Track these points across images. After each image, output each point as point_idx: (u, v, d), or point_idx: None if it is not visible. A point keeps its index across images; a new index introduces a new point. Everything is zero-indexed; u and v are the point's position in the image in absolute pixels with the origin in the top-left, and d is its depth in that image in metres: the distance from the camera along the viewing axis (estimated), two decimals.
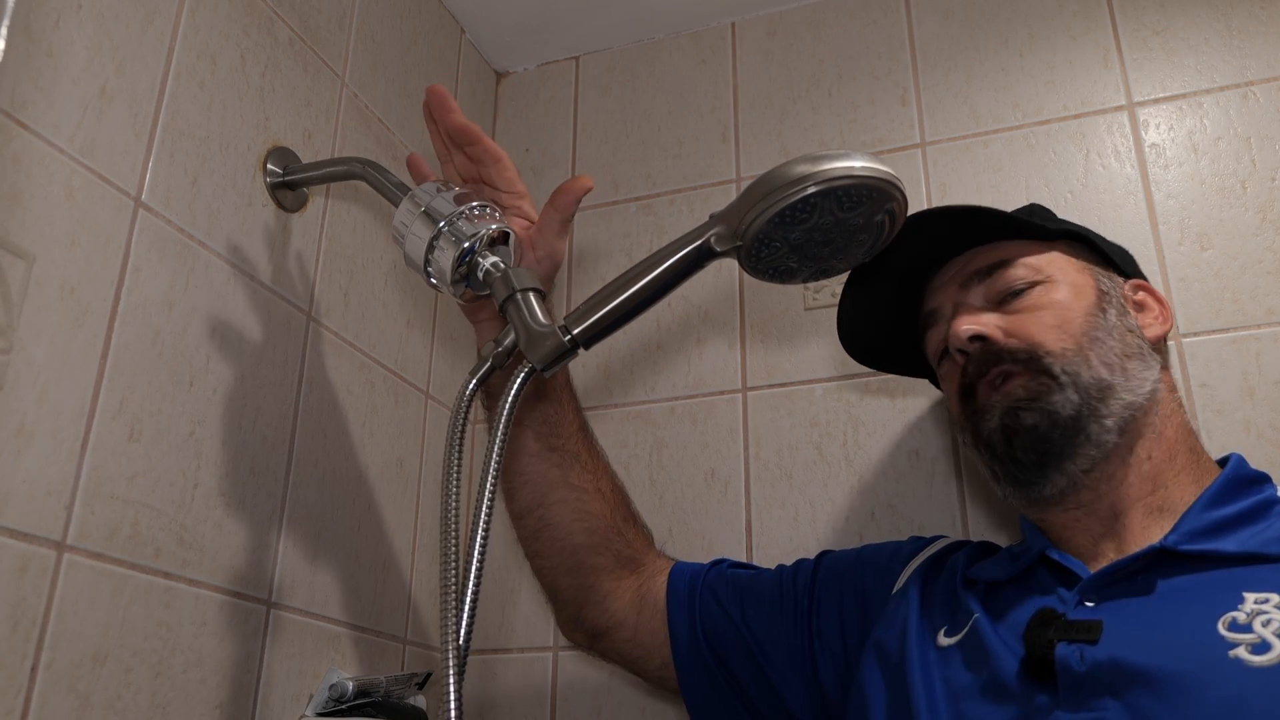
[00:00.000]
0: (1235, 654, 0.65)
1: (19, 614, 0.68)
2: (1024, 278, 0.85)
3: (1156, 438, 0.81)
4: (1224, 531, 0.74)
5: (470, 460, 1.30)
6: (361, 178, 0.95)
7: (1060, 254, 0.87)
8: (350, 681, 0.95)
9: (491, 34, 1.44)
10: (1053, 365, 0.80)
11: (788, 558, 1.14)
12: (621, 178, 1.39)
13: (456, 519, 0.76)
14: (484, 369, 0.85)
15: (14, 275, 0.71)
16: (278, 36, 1.02)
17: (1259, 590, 0.69)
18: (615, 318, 0.79)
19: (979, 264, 0.88)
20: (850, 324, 0.96)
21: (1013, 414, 0.80)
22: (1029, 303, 0.84)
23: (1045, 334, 0.82)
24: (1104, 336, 0.82)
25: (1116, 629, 0.70)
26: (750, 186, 0.77)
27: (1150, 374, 0.82)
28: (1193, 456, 0.83)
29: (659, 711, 1.13)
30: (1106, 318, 0.83)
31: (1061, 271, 0.86)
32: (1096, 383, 0.80)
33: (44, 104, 0.75)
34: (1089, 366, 0.80)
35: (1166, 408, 0.83)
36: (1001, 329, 0.83)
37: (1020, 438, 0.80)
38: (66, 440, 0.74)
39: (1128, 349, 0.82)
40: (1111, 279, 0.87)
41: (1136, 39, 1.22)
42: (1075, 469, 0.79)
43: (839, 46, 1.35)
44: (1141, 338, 0.84)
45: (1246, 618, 0.67)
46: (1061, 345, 0.81)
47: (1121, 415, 0.80)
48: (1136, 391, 0.81)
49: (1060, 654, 0.70)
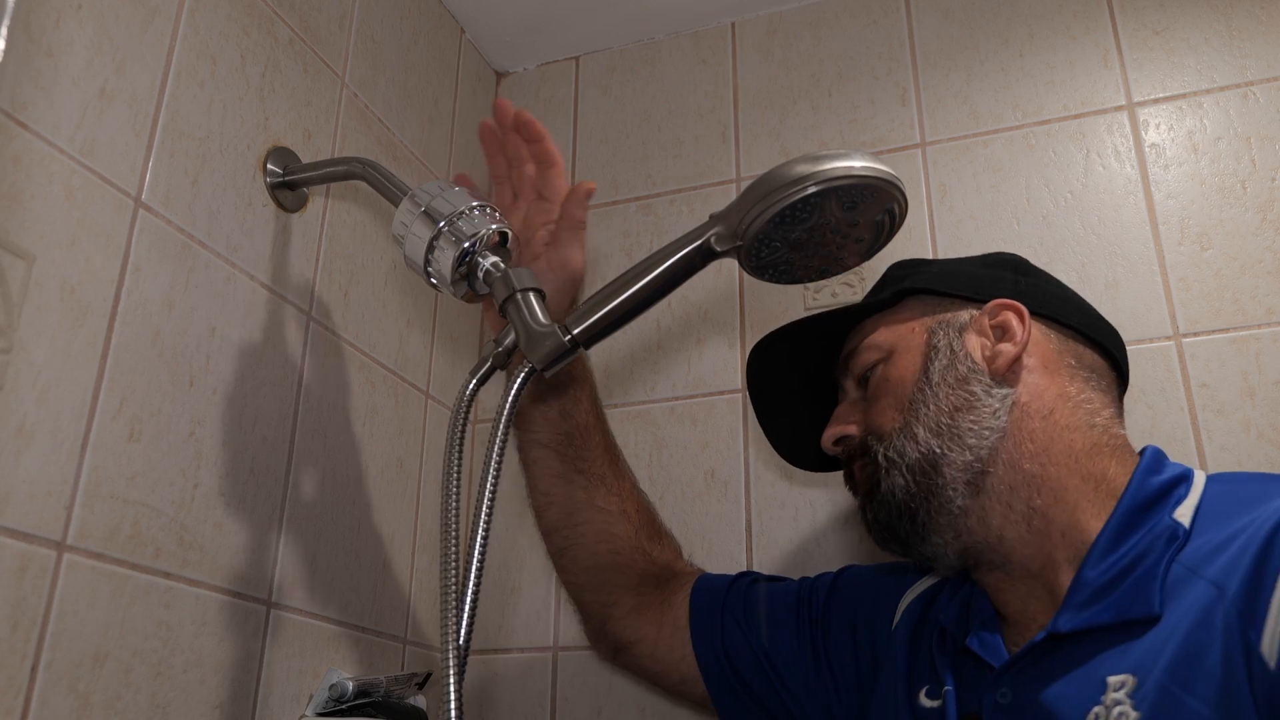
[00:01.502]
0: None
1: (19, 614, 0.68)
2: (868, 360, 0.85)
3: (1031, 483, 0.76)
4: (1107, 592, 0.71)
5: (470, 460, 1.30)
6: (361, 178, 0.95)
7: (902, 319, 0.85)
8: (350, 681, 0.95)
9: (491, 34, 1.44)
10: (879, 451, 0.80)
11: (788, 557, 1.14)
12: (621, 178, 1.39)
13: (456, 519, 0.76)
14: (484, 369, 0.85)
15: (14, 275, 0.71)
16: (278, 36, 1.02)
17: (1118, 671, 0.67)
18: (615, 318, 0.79)
19: (843, 356, 0.89)
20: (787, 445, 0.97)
21: (863, 510, 0.83)
22: (874, 387, 0.84)
23: (881, 419, 0.82)
24: (928, 399, 0.79)
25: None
26: (750, 186, 0.77)
27: (995, 420, 0.77)
28: (1089, 485, 0.76)
29: (659, 712, 1.13)
30: (930, 377, 0.80)
31: (899, 339, 0.84)
32: (924, 457, 0.77)
33: (44, 104, 0.75)
34: (914, 441, 0.78)
35: (1037, 442, 0.77)
36: (858, 426, 0.84)
37: (874, 530, 0.82)
38: (66, 440, 0.74)
39: (958, 403, 0.78)
40: (952, 322, 0.83)
41: (1136, 39, 1.22)
42: (944, 539, 0.78)
43: (839, 46, 1.35)
44: (983, 380, 0.79)
45: (1105, 712, 0.66)
46: (892, 425, 0.80)
47: (965, 478, 0.77)
48: (976, 447, 0.77)
49: None
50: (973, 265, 0.89)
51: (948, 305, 0.85)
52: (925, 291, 0.86)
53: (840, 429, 0.86)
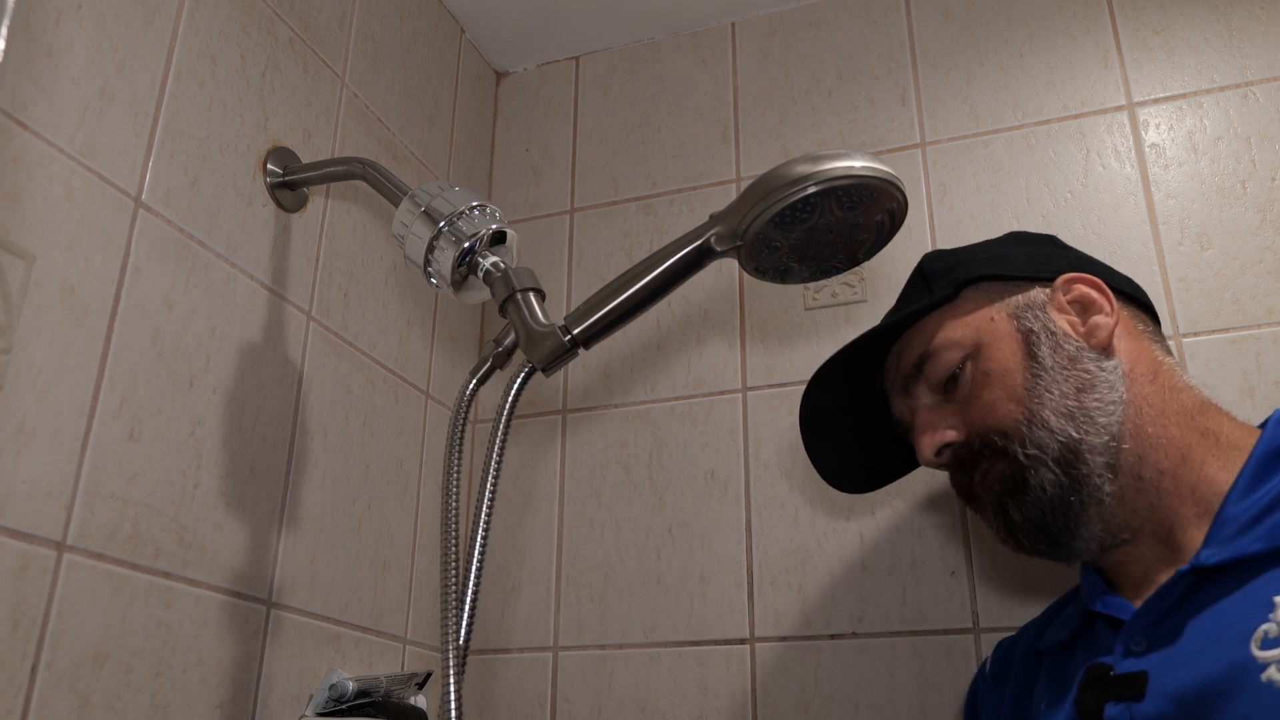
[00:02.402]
0: (1267, 676, 0.61)
1: (19, 614, 0.68)
2: (951, 360, 0.80)
3: (1157, 448, 0.75)
4: (1256, 524, 0.68)
5: (470, 460, 1.30)
6: (361, 178, 0.95)
7: (971, 311, 0.82)
8: (350, 681, 0.95)
9: (491, 34, 1.44)
10: (1016, 451, 0.76)
11: (787, 557, 1.14)
12: (621, 178, 1.39)
13: (456, 519, 0.76)
14: (484, 369, 0.85)
15: (14, 275, 0.71)
16: (278, 36, 1.02)
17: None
18: (615, 317, 0.79)
19: (905, 365, 0.84)
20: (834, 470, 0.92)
21: (1003, 511, 0.78)
22: (969, 386, 0.80)
23: (995, 415, 0.77)
24: (1049, 385, 0.76)
25: (1160, 678, 0.67)
26: (750, 186, 0.77)
27: (1114, 393, 0.75)
28: (1208, 441, 0.75)
29: (659, 712, 1.13)
30: (1040, 361, 0.77)
31: (979, 331, 0.80)
32: (1064, 446, 0.74)
33: (44, 104, 0.75)
34: (1049, 430, 0.75)
35: (1154, 407, 0.76)
36: (961, 424, 0.80)
37: (1022, 531, 0.77)
38: (66, 440, 0.74)
39: (1078, 383, 0.76)
40: (1032, 303, 0.81)
41: (1136, 39, 1.22)
42: (1091, 532, 0.75)
43: (839, 46, 1.35)
44: (1091, 355, 0.77)
45: (1277, 628, 0.63)
46: (1014, 419, 0.76)
47: (1105, 459, 0.75)
48: (1107, 427, 0.75)
49: (1109, 716, 0.68)
50: (1011, 246, 0.87)
51: (1013, 289, 0.82)
52: (983, 279, 0.83)
53: (940, 435, 0.80)
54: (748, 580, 1.15)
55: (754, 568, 1.15)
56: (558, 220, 1.40)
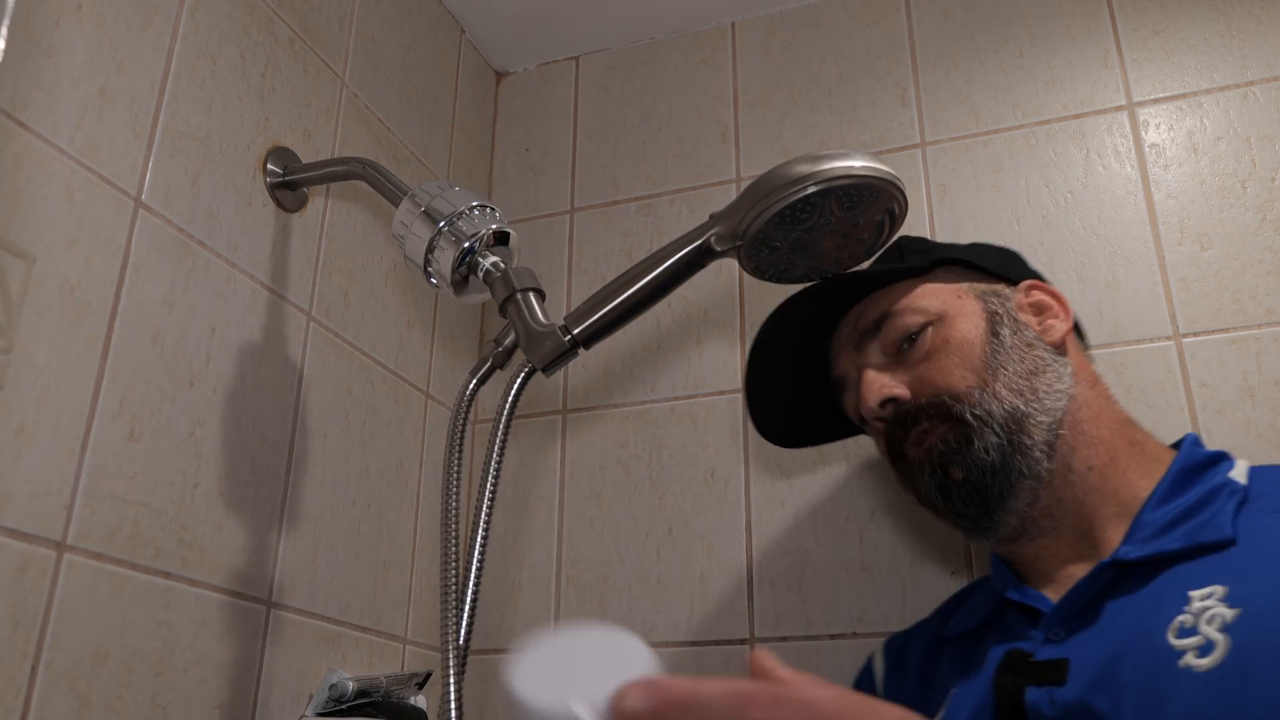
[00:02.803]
0: (1184, 662, 0.64)
1: (19, 614, 0.68)
2: (913, 323, 0.82)
3: (1090, 444, 0.79)
4: (1172, 527, 0.73)
5: (470, 460, 1.30)
6: (361, 178, 0.95)
7: (940, 285, 0.85)
8: (350, 681, 0.95)
9: (491, 34, 1.44)
10: (964, 411, 0.78)
11: (787, 557, 1.14)
12: (621, 178, 1.39)
13: (456, 519, 0.76)
14: (484, 369, 0.85)
15: (14, 275, 0.71)
16: (278, 36, 1.02)
17: (1203, 585, 0.67)
18: (615, 317, 0.79)
19: (865, 322, 0.85)
20: (766, 414, 0.94)
21: (942, 469, 0.79)
22: (926, 348, 0.82)
23: (949, 378, 0.80)
24: (1005, 362, 0.79)
25: (1081, 664, 0.69)
26: (750, 186, 0.77)
27: (1061, 384, 0.79)
28: (1135, 449, 0.80)
29: None
30: (1001, 340, 0.80)
31: (946, 303, 0.83)
32: (1011, 414, 0.77)
33: (44, 104, 0.75)
34: (999, 400, 0.78)
35: (1091, 408, 0.80)
36: (909, 385, 0.81)
37: (956, 492, 0.79)
38: (66, 440, 0.74)
39: (1032, 366, 0.80)
40: (998, 293, 0.84)
41: (1136, 39, 1.22)
42: (1020, 505, 0.78)
43: (839, 46, 1.35)
44: (1045, 347, 0.81)
45: (1193, 619, 0.66)
46: (967, 385, 0.79)
47: (1045, 438, 0.77)
48: (1052, 410, 0.78)
49: (1030, 699, 0.69)
50: (983, 247, 0.91)
51: (982, 278, 0.86)
52: (957, 263, 0.86)
53: (889, 388, 0.81)
54: (748, 580, 1.15)
55: (754, 568, 1.15)
56: (558, 220, 1.40)
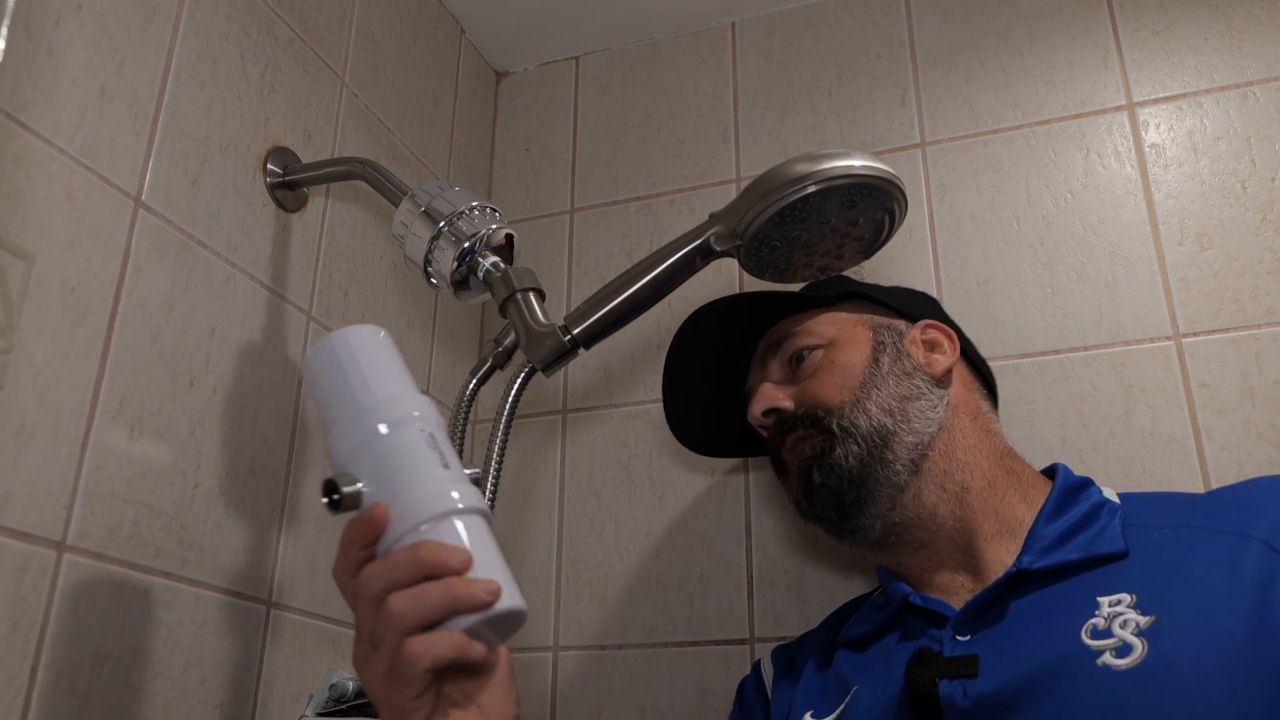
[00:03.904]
0: (1103, 661, 0.67)
1: (19, 614, 0.68)
2: (806, 344, 0.89)
3: (964, 469, 0.83)
4: (1066, 541, 0.77)
5: (470, 460, 1.30)
6: (361, 178, 0.95)
7: (842, 314, 0.91)
8: (350, 681, 0.95)
9: (491, 34, 1.44)
10: (831, 423, 0.84)
11: (787, 558, 1.14)
12: (621, 178, 1.39)
13: None
14: (484, 369, 0.85)
15: (14, 275, 0.71)
16: (278, 36, 1.02)
17: (1110, 592, 0.72)
18: (615, 317, 0.79)
19: (771, 339, 0.92)
20: (680, 419, 1.00)
21: (805, 474, 0.85)
22: (812, 367, 0.88)
23: (826, 393, 0.85)
24: (880, 384, 0.85)
25: (992, 659, 0.72)
26: (750, 186, 0.77)
27: (934, 413, 0.85)
28: (1012, 478, 0.85)
29: (659, 712, 1.13)
30: (880, 366, 0.86)
31: (840, 331, 0.89)
32: (876, 429, 0.83)
33: (44, 104, 0.75)
34: (867, 416, 0.83)
35: (968, 437, 0.85)
36: (792, 398, 0.88)
37: (817, 495, 0.84)
38: (66, 440, 0.74)
39: (906, 392, 0.85)
40: (892, 327, 0.90)
41: (1136, 39, 1.22)
42: (879, 510, 0.82)
43: (839, 46, 1.35)
44: (924, 378, 0.86)
45: (1105, 622, 0.69)
46: (840, 400, 0.84)
47: (909, 456, 0.83)
48: (921, 431, 0.83)
49: (944, 691, 0.71)
50: (899, 290, 0.96)
51: (883, 314, 0.91)
52: (864, 298, 0.92)
53: (773, 401, 0.88)
54: (748, 580, 1.15)
55: (754, 568, 1.15)
56: (558, 220, 1.40)
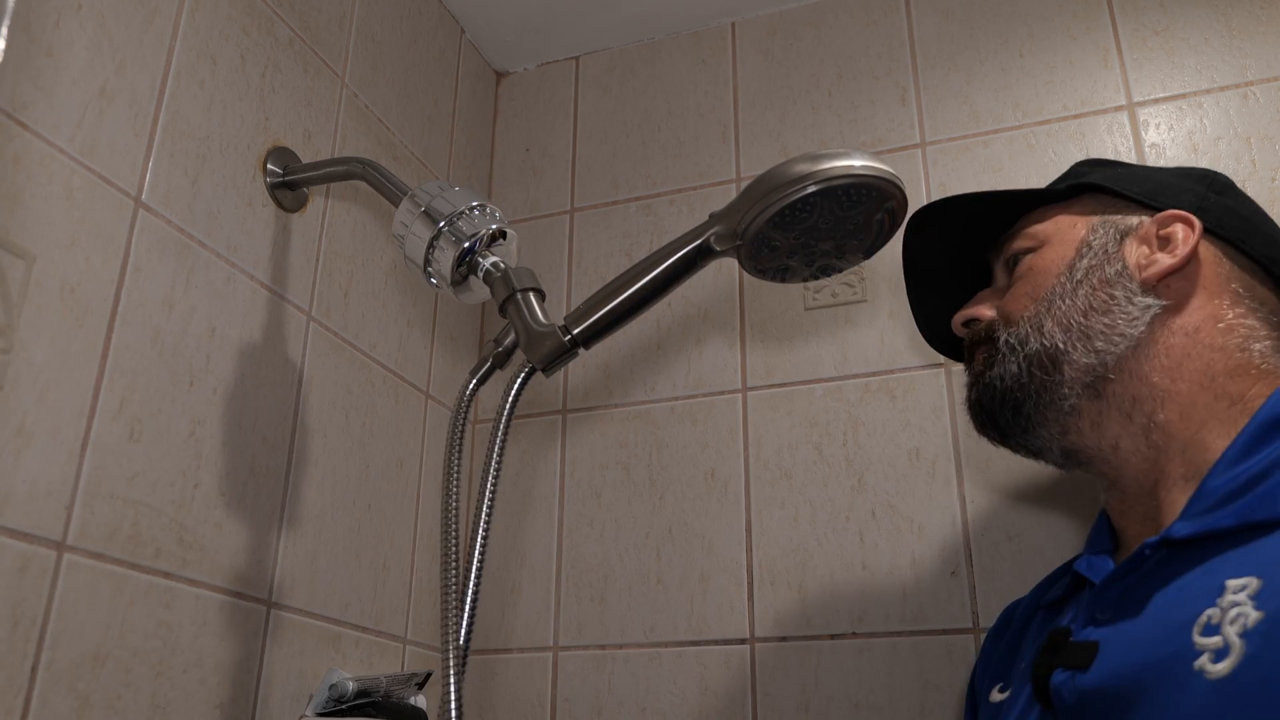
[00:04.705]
0: (1199, 664, 0.60)
1: (19, 614, 0.68)
2: (1020, 247, 0.84)
3: (1157, 395, 0.74)
4: (1235, 498, 0.66)
5: (470, 460, 1.30)
6: (361, 178, 0.95)
7: (1070, 213, 0.83)
8: (350, 681, 0.95)
9: (491, 34, 1.44)
10: (1001, 337, 0.80)
11: (787, 557, 1.14)
12: (621, 178, 1.39)
13: (456, 519, 0.76)
14: (484, 369, 0.85)
15: (14, 275, 0.71)
16: (278, 36, 1.02)
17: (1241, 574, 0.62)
18: (615, 317, 0.79)
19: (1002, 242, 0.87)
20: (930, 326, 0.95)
21: (972, 389, 0.83)
22: (1017, 275, 0.83)
23: (1016, 304, 0.81)
24: (1067, 295, 0.78)
25: (1110, 649, 0.66)
26: (750, 186, 0.77)
27: (1128, 327, 0.75)
28: (1220, 403, 0.72)
29: (659, 712, 1.13)
30: (1074, 274, 0.78)
31: (1057, 232, 0.82)
32: (1046, 349, 0.77)
33: (44, 104, 0.75)
34: (1040, 333, 0.78)
35: (1172, 356, 0.74)
36: (996, 307, 0.83)
37: (976, 412, 0.82)
38: (66, 440, 0.74)
39: (1096, 304, 0.76)
40: (1117, 225, 0.80)
41: (1136, 39, 1.22)
42: (1050, 433, 0.78)
43: (839, 46, 1.35)
44: (1130, 285, 0.76)
45: (1220, 614, 0.61)
46: (1022, 312, 0.79)
47: (1084, 379, 0.76)
48: (1104, 351, 0.75)
49: (1054, 683, 0.68)
50: (1165, 174, 0.85)
51: (1121, 207, 0.81)
52: (1103, 190, 0.83)
53: (972, 311, 0.84)
54: (748, 580, 1.15)
55: (754, 568, 1.15)
56: (558, 220, 1.40)
